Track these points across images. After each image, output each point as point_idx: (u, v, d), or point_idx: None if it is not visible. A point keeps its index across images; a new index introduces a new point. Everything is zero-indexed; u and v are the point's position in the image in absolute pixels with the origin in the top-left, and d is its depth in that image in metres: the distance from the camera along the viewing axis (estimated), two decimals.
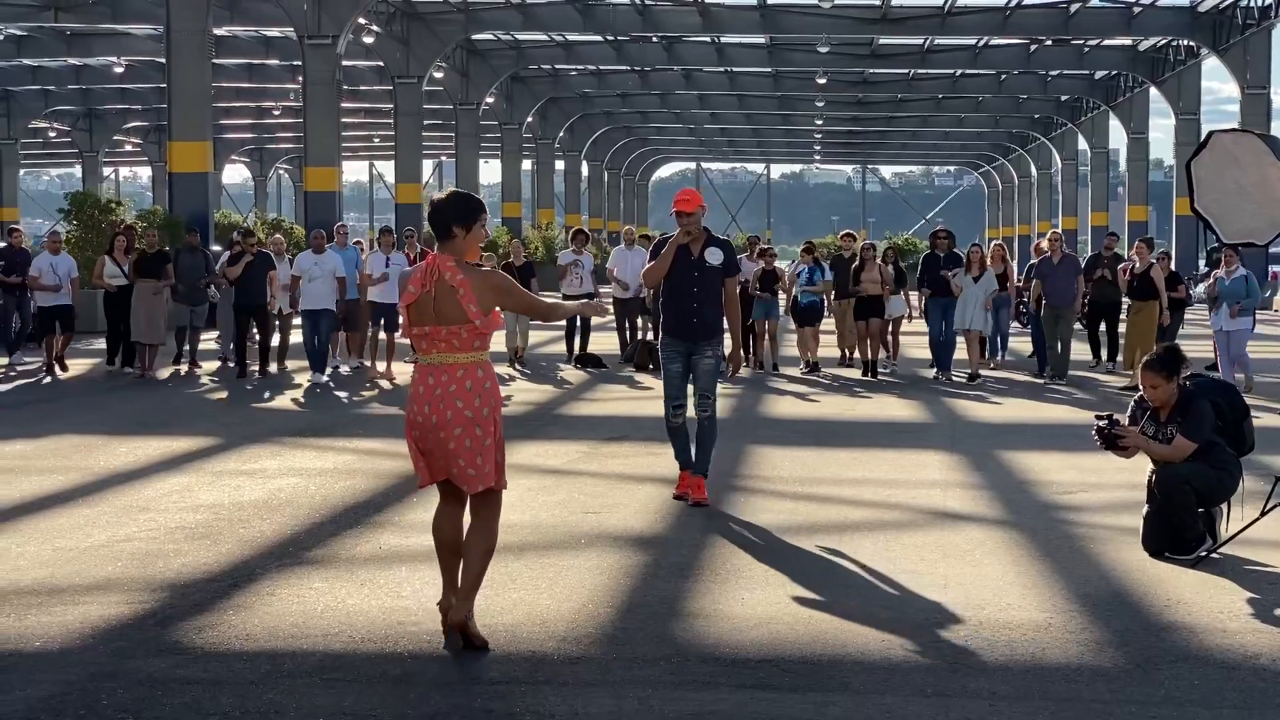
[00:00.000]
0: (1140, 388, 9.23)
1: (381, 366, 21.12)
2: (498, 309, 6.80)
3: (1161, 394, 9.06)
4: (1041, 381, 20.56)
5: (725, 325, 11.06)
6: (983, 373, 20.95)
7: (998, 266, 21.80)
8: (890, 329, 22.72)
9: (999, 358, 23.18)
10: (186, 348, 22.00)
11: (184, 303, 21.83)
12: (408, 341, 7.00)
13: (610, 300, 23.04)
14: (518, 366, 22.45)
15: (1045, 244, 21.96)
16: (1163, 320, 20.68)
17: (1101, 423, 9.13)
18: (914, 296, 23.26)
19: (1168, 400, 9.08)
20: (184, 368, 21.62)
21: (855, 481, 11.99)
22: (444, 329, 6.72)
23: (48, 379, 20.65)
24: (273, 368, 21.38)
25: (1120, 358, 21.93)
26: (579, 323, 23.76)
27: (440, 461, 6.79)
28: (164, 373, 21.07)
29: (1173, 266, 24.07)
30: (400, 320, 6.86)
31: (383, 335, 21.40)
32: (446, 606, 6.90)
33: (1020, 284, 23.61)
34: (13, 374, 21.27)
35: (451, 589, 6.90)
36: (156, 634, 7.07)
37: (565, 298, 23.76)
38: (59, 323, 21.72)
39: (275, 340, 21.76)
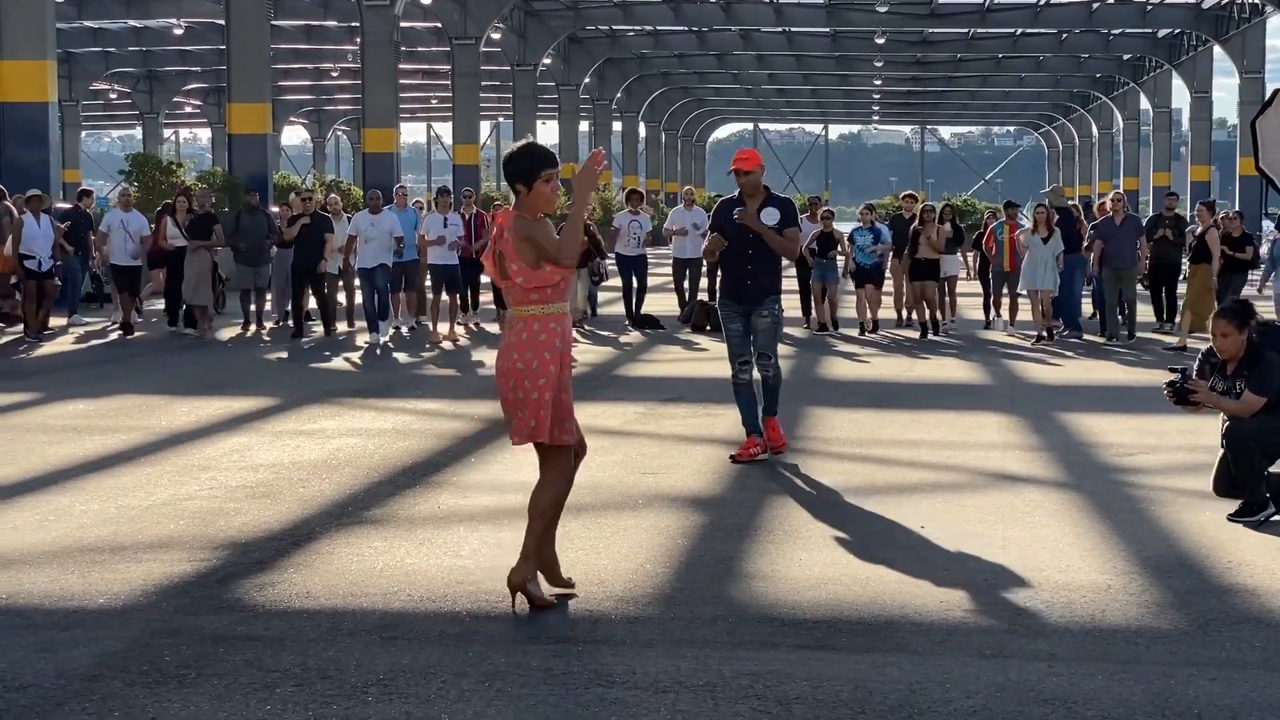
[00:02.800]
0: (1211, 338, 9.12)
1: (444, 328, 21.16)
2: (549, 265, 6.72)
3: (1231, 344, 8.96)
4: (1102, 342, 20.39)
5: (781, 285, 11.19)
6: (1048, 334, 20.75)
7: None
8: (947, 288, 22.57)
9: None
10: (253, 309, 22.10)
11: (246, 264, 21.87)
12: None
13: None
14: (581, 328, 22.32)
15: (1108, 204, 21.75)
16: (1209, 283, 20.42)
17: (1174, 377, 9.06)
18: (970, 257, 23.20)
19: (1236, 352, 8.97)
20: (252, 329, 21.74)
21: (913, 443, 11.95)
22: (505, 283, 6.78)
23: (115, 336, 20.81)
24: (341, 326, 21.50)
25: (1179, 319, 21.75)
26: (634, 284, 23.77)
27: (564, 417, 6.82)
28: (225, 334, 21.19)
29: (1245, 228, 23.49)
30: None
31: (444, 297, 21.51)
32: (554, 576, 7.02)
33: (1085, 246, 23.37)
34: (85, 335, 21.45)
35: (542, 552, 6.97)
36: (218, 591, 7.13)
37: (619, 257, 23.84)
38: (127, 283, 21.77)
39: (340, 299, 21.90)
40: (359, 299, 22.08)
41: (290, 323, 21.91)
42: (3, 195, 21.64)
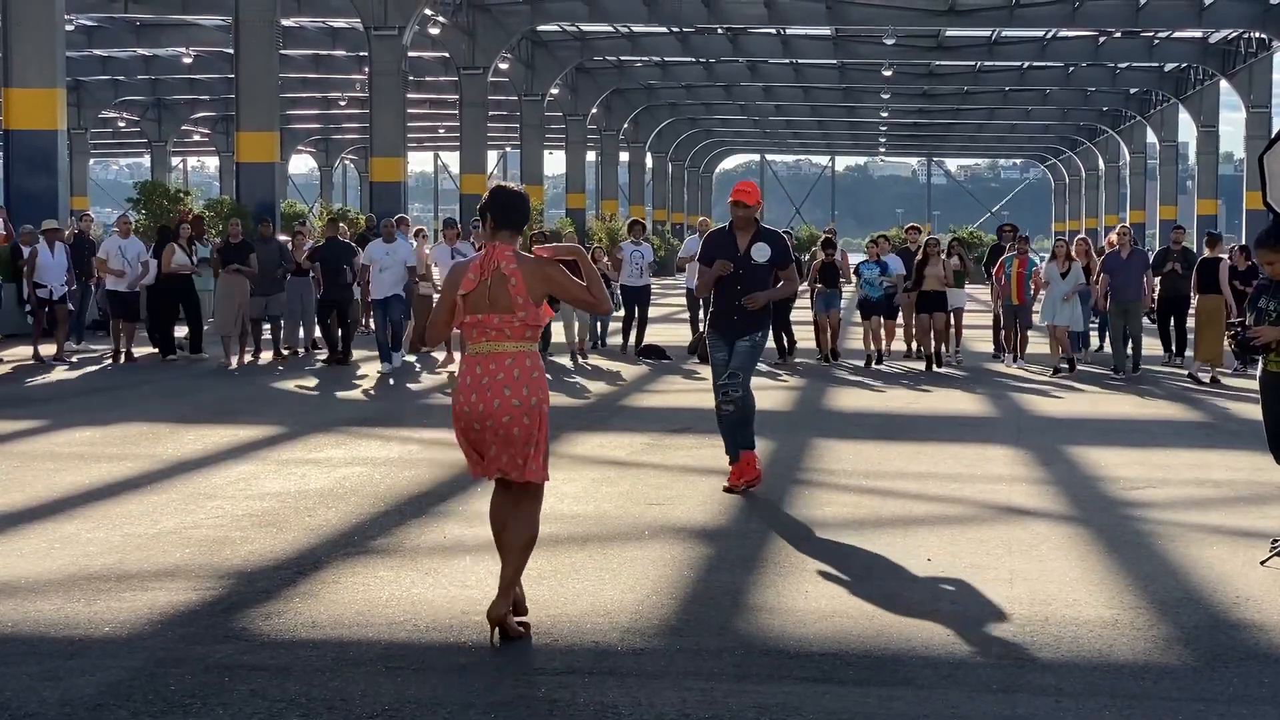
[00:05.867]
0: (1265, 269, 8.94)
1: (457, 355, 21.13)
2: (547, 303, 6.88)
3: None
4: (1115, 376, 20.34)
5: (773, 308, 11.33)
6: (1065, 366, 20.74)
7: (1080, 260, 21.63)
8: (954, 321, 22.56)
9: (1086, 352, 22.70)
10: (267, 337, 22.16)
11: (259, 293, 21.90)
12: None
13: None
14: (580, 361, 22.17)
15: (1114, 238, 21.75)
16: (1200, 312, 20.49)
17: (1233, 332, 8.97)
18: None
19: None
20: (268, 356, 21.79)
21: (919, 475, 11.93)
22: (496, 317, 6.79)
23: (110, 365, 20.81)
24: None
25: (1190, 353, 21.78)
26: (635, 315, 23.77)
27: (488, 453, 6.83)
28: (233, 362, 21.17)
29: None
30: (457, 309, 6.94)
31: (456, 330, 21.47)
32: (520, 608, 7.02)
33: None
34: (89, 360, 21.46)
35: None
36: (223, 621, 7.12)
37: (622, 288, 23.75)
38: (125, 311, 21.74)
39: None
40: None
41: (316, 350, 21.94)
42: None
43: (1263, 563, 8.50)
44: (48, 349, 21.31)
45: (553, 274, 6.90)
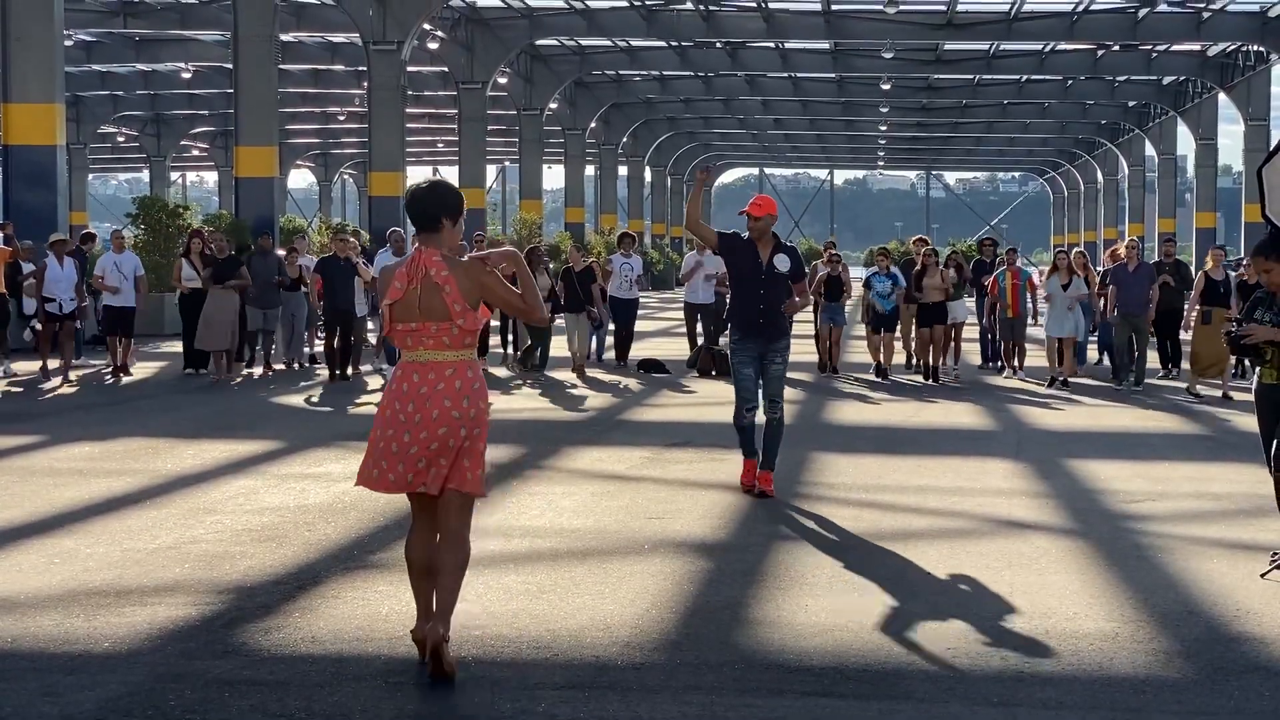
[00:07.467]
0: (1260, 278, 8.90)
1: None
2: (485, 305, 6.58)
3: (1278, 277, 8.79)
4: (1117, 388, 20.33)
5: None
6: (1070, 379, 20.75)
7: (1079, 274, 21.65)
8: (953, 334, 22.56)
9: (1082, 365, 22.68)
10: (260, 350, 22.18)
11: (256, 306, 21.88)
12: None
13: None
14: (579, 377, 22.06)
15: (1122, 251, 21.74)
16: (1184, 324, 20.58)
17: (1230, 327, 8.96)
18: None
19: None
20: (258, 370, 21.81)
21: (920, 489, 11.92)
22: (432, 325, 6.44)
23: (111, 380, 20.80)
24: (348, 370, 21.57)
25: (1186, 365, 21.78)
26: (619, 327, 23.95)
27: (410, 465, 6.44)
28: (222, 376, 21.14)
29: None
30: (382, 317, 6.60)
31: None
32: (421, 636, 6.49)
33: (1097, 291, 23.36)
34: (89, 376, 21.46)
35: (427, 614, 6.55)
36: (223, 636, 7.11)
37: (611, 299, 23.78)
38: (120, 326, 21.64)
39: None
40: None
41: (315, 364, 21.91)
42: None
43: (1263, 576, 8.50)
44: (53, 363, 21.26)
45: (485, 280, 6.56)
